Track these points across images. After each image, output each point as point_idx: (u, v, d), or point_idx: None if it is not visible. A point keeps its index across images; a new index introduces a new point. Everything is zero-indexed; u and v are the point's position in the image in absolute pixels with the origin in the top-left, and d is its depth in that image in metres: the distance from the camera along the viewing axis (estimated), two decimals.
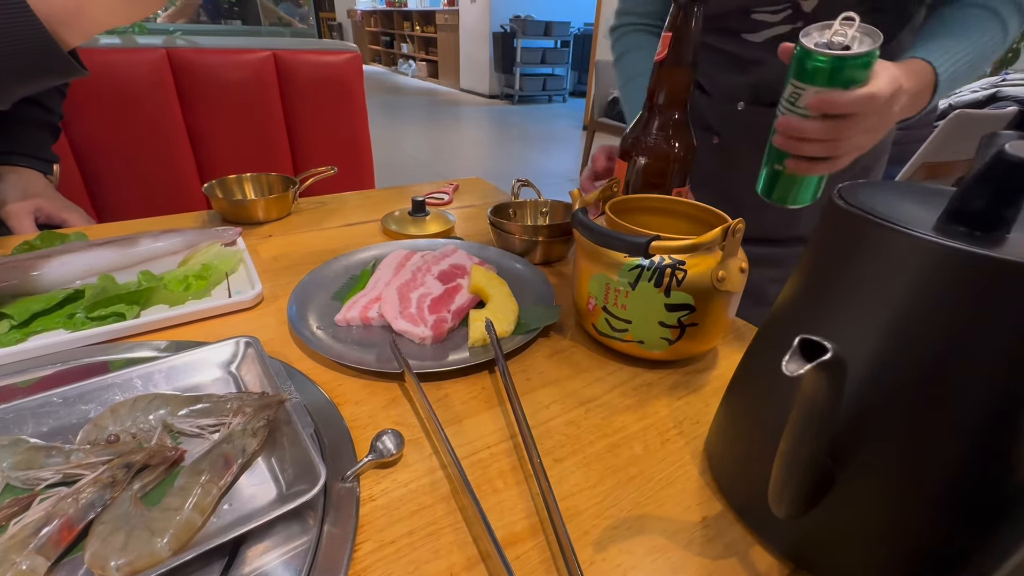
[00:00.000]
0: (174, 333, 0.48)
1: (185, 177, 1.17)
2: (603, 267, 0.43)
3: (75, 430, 0.34)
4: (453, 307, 0.51)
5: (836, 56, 0.40)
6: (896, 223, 0.24)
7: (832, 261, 0.27)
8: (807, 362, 0.16)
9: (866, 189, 0.29)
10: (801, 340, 0.17)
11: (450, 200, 0.85)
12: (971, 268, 0.22)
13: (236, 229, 0.63)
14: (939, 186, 0.28)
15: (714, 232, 0.39)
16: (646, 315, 0.42)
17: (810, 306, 0.27)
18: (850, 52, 0.40)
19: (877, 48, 0.40)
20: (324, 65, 1.36)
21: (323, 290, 0.55)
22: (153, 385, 0.39)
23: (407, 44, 8.70)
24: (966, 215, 0.24)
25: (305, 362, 0.45)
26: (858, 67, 0.40)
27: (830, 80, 0.41)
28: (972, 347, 0.22)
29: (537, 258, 0.64)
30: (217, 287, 0.54)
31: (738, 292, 0.42)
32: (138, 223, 0.71)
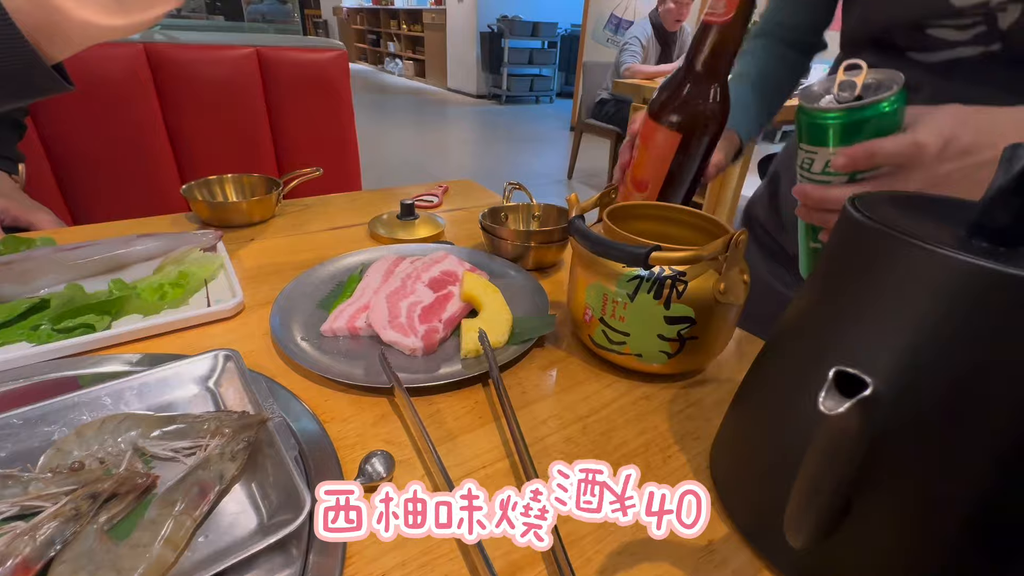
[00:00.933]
0: (148, 345, 0.45)
1: (164, 177, 1.13)
2: (600, 277, 0.42)
3: (37, 454, 0.32)
4: (445, 316, 0.49)
5: (845, 110, 0.35)
6: (917, 238, 0.23)
7: (850, 275, 0.26)
8: (846, 398, 0.15)
9: (884, 200, 0.28)
10: (837, 373, 0.16)
11: (439, 203, 0.83)
12: (996, 286, 0.21)
13: (216, 233, 0.60)
14: (960, 199, 0.27)
15: (716, 243, 0.38)
16: (645, 327, 0.41)
17: (827, 323, 0.26)
18: (862, 103, 0.35)
19: (896, 93, 0.34)
20: (309, 63, 1.33)
21: (308, 298, 0.53)
22: (124, 403, 0.36)
23: (394, 43, 8.63)
24: (990, 230, 0.23)
25: (289, 376, 0.43)
26: (877, 118, 0.35)
27: (844, 139, 0.36)
28: (996, 368, 0.21)
29: (530, 264, 0.62)
30: (195, 295, 0.51)
31: (740, 304, 0.41)
32: (112, 226, 0.68)
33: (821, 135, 0.37)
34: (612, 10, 4.78)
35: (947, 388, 0.21)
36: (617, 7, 4.75)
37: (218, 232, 0.60)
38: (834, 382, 0.16)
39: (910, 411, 0.22)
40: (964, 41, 0.47)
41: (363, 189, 1.45)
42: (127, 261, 0.52)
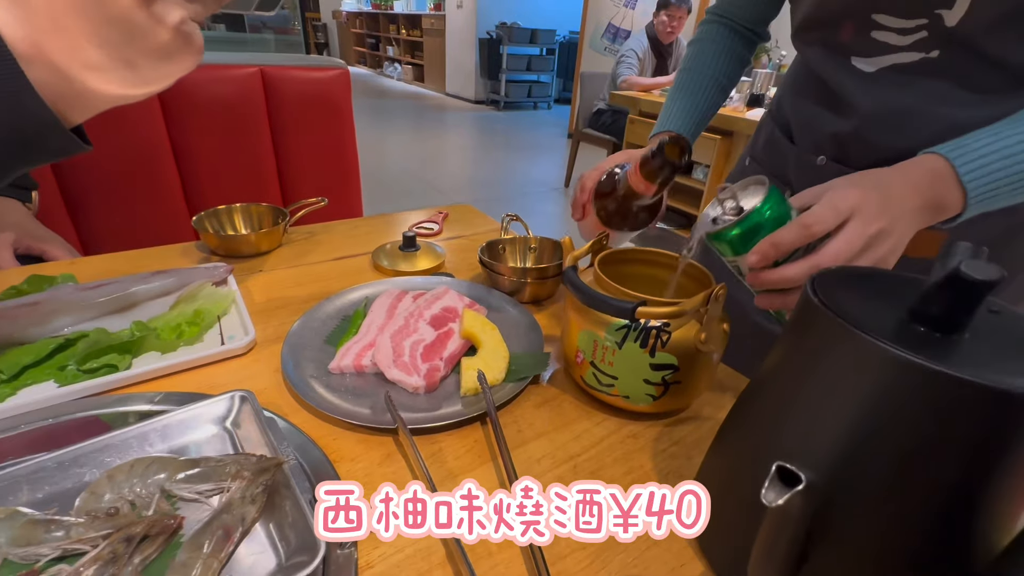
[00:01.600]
0: (167, 382, 0.48)
1: (171, 197, 1.16)
2: (592, 324, 0.45)
3: (71, 495, 0.35)
4: (446, 354, 0.52)
5: (738, 223, 0.39)
6: (857, 325, 0.26)
7: (803, 353, 0.29)
8: (786, 488, 0.18)
9: (842, 279, 0.31)
10: (778, 468, 0.19)
11: (440, 230, 0.86)
12: (925, 381, 0.24)
13: (227, 267, 0.63)
14: (914, 276, 0.30)
15: (698, 298, 0.41)
16: (632, 372, 0.44)
17: (783, 396, 0.30)
18: (746, 212, 0.40)
19: (767, 194, 0.39)
20: (311, 81, 1.36)
21: (316, 334, 0.56)
22: (149, 445, 0.39)
23: (393, 47, 8.66)
24: (927, 318, 0.26)
25: (300, 414, 0.45)
26: (764, 218, 0.39)
27: (749, 242, 0.40)
28: (920, 455, 0.25)
29: (526, 297, 0.65)
30: (210, 331, 0.54)
31: (720, 351, 0.44)
32: (126, 256, 0.71)
33: (731, 248, 0.42)
34: (610, 19, 4.83)
35: (877, 475, 0.24)
36: (615, 16, 4.80)
37: (228, 266, 0.63)
38: (776, 475, 0.19)
39: (845, 495, 0.25)
40: (904, 46, 0.49)
41: (364, 202, 1.48)
42: (144, 297, 0.55)
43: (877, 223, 0.38)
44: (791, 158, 0.62)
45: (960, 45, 0.47)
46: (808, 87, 0.59)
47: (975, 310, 0.25)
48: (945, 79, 0.49)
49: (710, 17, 0.70)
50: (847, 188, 0.40)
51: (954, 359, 0.24)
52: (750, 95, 2.49)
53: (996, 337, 0.26)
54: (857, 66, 0.53)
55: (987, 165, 0.40)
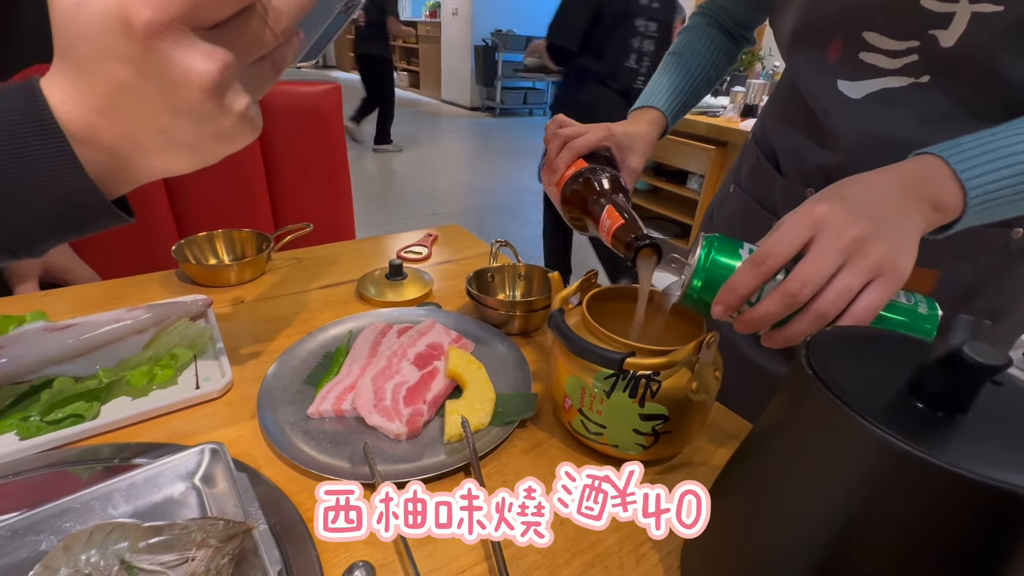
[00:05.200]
0: (137, 429, 0.46)
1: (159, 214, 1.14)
2: (580, 370, 0.43)
3: (25, 568, 0.32)
4: (429, 396, 0.50)
5: (692, 279, 0.38)
6: (850, 401, 0.24)
7: (797, 424, 0.28)
8: None
9: (842, 340, 0.29)
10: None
11: (428, 255, 0.85)
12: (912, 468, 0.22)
13: (206, 300, 0.61)
14: (920, 340, 0.29)
15: (689, 347, 0.39)
16: (620, 422, 0.42)
17: (775, 469, 0.28)
18: (692, 269, 0.38)
19: (703, 248, 0.38)
20: (302, 96, 1.35)
21: (296, 373, 0.54)
22: (112, 507, 0.37)
23: None
24: (927, 395, 0.25)
25: (275, 465, 0.44)
26: (711, 269, 0.38)
27: (711, 293, 0.38)
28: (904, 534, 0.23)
29: (515, 329, 0.64)
30: (185, 371, 0.52)
31: (712, 398, 0.43)
32: (102, 286, 0.69)
33: (698, 306, 0.39)
34: None
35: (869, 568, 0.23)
36: None
37: (207, 299, 0.61)
38: None
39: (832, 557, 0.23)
40: (894, 70, 0.47)
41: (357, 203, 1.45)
42: (118, 336, 0.53)
43: (852, 230, 0.34)
44: (778, 188, 0.61)
45: (954, 68, 0.45)
46: (793, 114, 0.58)
47: (977, 393, 0.23)
48: (936, 106, 0.47)
49: (700, 11, 0.69)
50: (807, 205, 0.36)
51: (953, 446, 0.23)
52: (744, 105, 2.49)
53: (1001, 417, 0.24)
54: (843, 91, 0.51)
55: (985, 164, 0.36)
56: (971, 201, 0.37)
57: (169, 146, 0.27)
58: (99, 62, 0.24)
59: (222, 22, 0.25)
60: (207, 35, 0.24)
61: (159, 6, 0.22)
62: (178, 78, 0.24)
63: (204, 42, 0.24)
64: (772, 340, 0.38)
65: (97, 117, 0.25)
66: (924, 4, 0.44)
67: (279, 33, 0.27)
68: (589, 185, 0.51)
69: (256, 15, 0.26)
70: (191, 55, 0.24)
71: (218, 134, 0.27)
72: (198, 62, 0.24)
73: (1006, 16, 0.41)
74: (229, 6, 0.24)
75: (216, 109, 0.26)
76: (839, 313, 0.34)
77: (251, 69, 0.27)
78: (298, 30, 0.29)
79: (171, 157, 0.28)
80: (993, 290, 0.54)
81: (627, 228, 0.45)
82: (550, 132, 0.57)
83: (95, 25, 0.23)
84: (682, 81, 0.65)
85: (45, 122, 0.24)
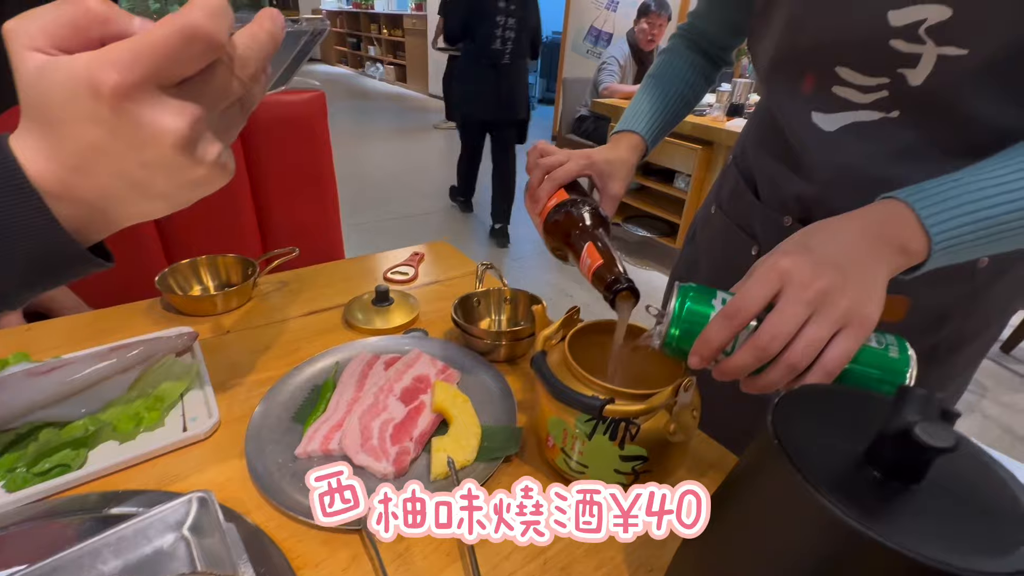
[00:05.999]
0: (125, 475, 0.46)
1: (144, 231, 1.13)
2: (561, 412, 0.44)
3: None
4: (416, 433, 0.51)
5: (668, 329, 0.39)
6: (806, 470, 0.25)
7: (757, 485, 0.29)
8: None
9: (808, 403, 0.31)
10: None
11: (415, 276, 0.85)
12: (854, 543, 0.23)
13: (191, 333, 0.61)
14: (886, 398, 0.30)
15: (667, 391, 0.40)
16: (602, 462, 0.44)
17: (740, 523, 0.29)
18: (666, 320, 0.39)
19: (676, 299, 0.39)
20: (286, 104, 1.33)
21: (284, 409, 0.54)
22: (102, 563, 0.38)
23: (374, 47, 8.56)
24: (882, 464, 0.26)
25: (264, 509, 0.44)
26: (685, 319, 0.39)
27: (688, 342, 0.38)
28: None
29: (501, 356, 0.65)
30: (172, 411, 0.53)
31: (691, 437, 0.44)
32: (84, 318, 0.69)
33: (677, 355, 0.40)
34: (592, 22, 4.83)
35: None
36: (596, 19, 4.79)
37: (192, 332, 0.61)
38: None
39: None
40: (864, 104, 0.48)
41: (345, 202, 1.44)
42: (102, 376, 0.53)
43: (816, 283, 0.35)
44: (757, 213, 0.62)
45: (923, 106, 0.46)
46: (771, 140, 0.58)
47: (929, 466, 0.25)
48: (906, 142, 0.48)
49: (679, 32, 0.71)
50: (774, 258, 0.37)
51: (902, 521, 0.24)
52: (730, 105, 2.50)
53: (952, 487, 0.26)
54: (817, 123, 0.52)
55: (950, 209, 0.38)
56: (935, 246, 0.38)
57: (143, 196, 0.27)
58: (69, 124, 0.24)
59: (189, 77, 0.25)
60: (175, 91, 0.24)
61: (125, 69, 0.22)
62: (148, 137, 0.24)
63: (172, 99, 0.24)
64: (750, 387, 0.39)
65: (69, 174, 0.25)
66: (893, 44, 0.45)
67: (246, 80, 0.27)
68: (570, 218, 0.52)
69: (222, 66, 0.26)
70: (160, 113, 0.24)
71: (192, 183, 0.28)
72: (167, 119, 0.24)
73: (971, 59, 0.42)
74: (194, 64, 0.24)
75: (188, 161, 0.26)
76: (810, 363, 0.36)
77: (221, 116, 0.28)
78: (266, 66, 0.29)
79: (146, 205, 0.28)
80: (961, 315, 0.56)
81: (606, 268, 0.46)
82: (531, 161, 0.57)
83: (62, 90, 0.23)
84: (661, 104, 0.66)
85: (16, 180, 0.24)
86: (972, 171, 0.40)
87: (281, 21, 0.28)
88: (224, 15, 0.24)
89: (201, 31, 0.23)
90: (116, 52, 0.23)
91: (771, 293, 0.36)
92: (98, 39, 0.24)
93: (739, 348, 0.37)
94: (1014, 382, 2.06)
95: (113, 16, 0.24)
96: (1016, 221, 0.38)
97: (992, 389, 2.00)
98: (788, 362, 0.35)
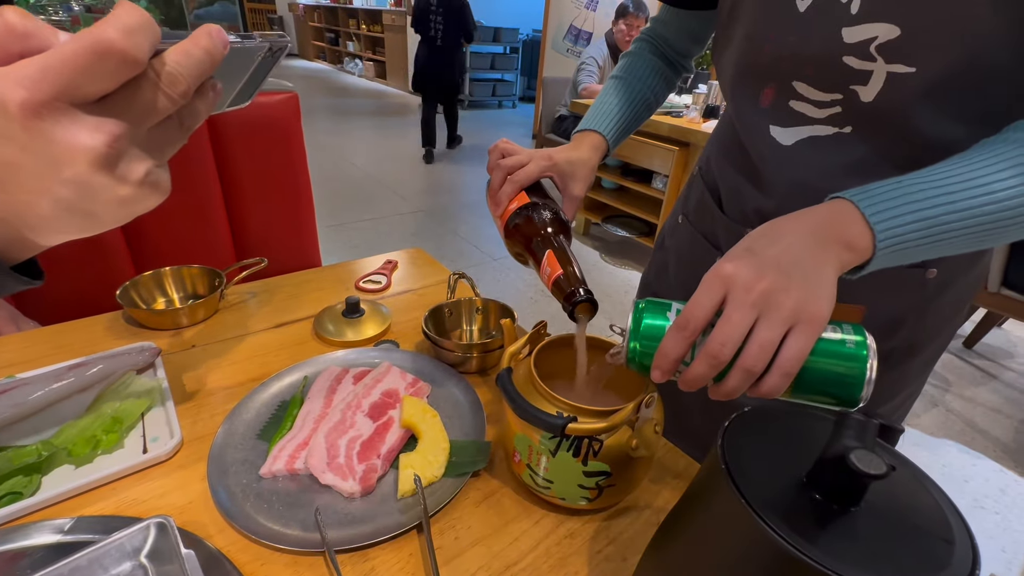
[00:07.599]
0: (81, 500, 0.45)
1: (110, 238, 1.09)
2: (527, 429, 0.45)
3: None
4: (384, 449, 0.51)
5: (628, 346, 0.39)
6: (749, 495, 0.26)
7: (709, 499, 0.30)
8: None
9: (757, 424, 0.31)
10: None
11: (388, 284, 0.84)
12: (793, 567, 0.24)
13: (153, 349, 0.60)
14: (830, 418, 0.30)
15: (628, 408, 0.41)
16: (566, 478, 0.44)
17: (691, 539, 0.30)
18: (625, 337, 0.40)
19: (632, 321, 0.40)
20: (257, 107, 1.30)
21: (249, 427, 0.53)
22: None
23: (353, 42, 8.44)
24: (822, 488, 0.27)
25: (227, 533, 0.44)
26: (645, 337, 0.39)
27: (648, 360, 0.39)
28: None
29: (472, 368, 0.65)
30: (132, 432, 0.51)
31: (654, 452, 0.45)
32: (43, 333, 0.66)
33: (641, 370, 0.40)
34: (571, 21, 4.84)
35: None
36: (576, 18, 4.80)
37: (155, 348, 0.60)
38: None
39: None
40: (819, 119, 0.50)
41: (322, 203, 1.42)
42: (59, 397, 0.52)
43: (759, 285, 0.35)
44: (720, 225, 0.63)
45: (874, 121, 0.48)
46: (734, 152, 0.60)
47: (866, 490, 0.26)
48: (858, 156, 0.50)
49: (642, 37, 0.72)
50: (718, 265, 0.38)
51: (837, 544, 0.25)
52: (706, 106, 2.54)
53: (887, 510, 0.27)
54: (775, 137, 0.53)
55: (893, 208, 0.38)
56: (879, 244, 0.38)
57: (68, 214, 0.26)
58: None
59: (109, 93, 0.24)
60: (93, 108, 0.24)
61: (32, 86, 0.22)
62: (62, 154, 0.23)
63: (89, 116, 0.23)
64: (716, 394, 0.39)
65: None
66: (846, 61, 0.46)
67: (177, 97, 0.26)
68: (531, 223, 0.52)
69: (147, 82, 0.25)
70: (74, 130, 0.23)
71: (118, 201, 0.26)
72: (82, 137, 0.23)
73: (918, 77, 0.44)
74: (109, 80, 0.23)
75: (109, 180, 0.25)
76: (766, 365, 0.36)
77: (153, 132, 0.27)
78: (215, 82, 0.28)
79: (72, 223, 0.27)
80: (913, 323, 0.58)
81: (566, 279, 0.47)
82: (492, 161, 0.57)
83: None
84: (625, 105, 0.67)
85: None
86: (917, 174, 0.41)
87: (221, 39, 0.27)
88: (142, 31, 0.23)
89: (114, 47, 0.22)
90: (24, 68, 0.22)
91: (717, 299, 0.36)
92: (18, 54, 0.23)
93: (696, 358, 0.37)
94: (976, 376, 2.13)
95: (34, 31, 0.23)
96: (957, 223, 0.39)
97: (955, 384, 2.07)
98: (743, 366, 0.35)
